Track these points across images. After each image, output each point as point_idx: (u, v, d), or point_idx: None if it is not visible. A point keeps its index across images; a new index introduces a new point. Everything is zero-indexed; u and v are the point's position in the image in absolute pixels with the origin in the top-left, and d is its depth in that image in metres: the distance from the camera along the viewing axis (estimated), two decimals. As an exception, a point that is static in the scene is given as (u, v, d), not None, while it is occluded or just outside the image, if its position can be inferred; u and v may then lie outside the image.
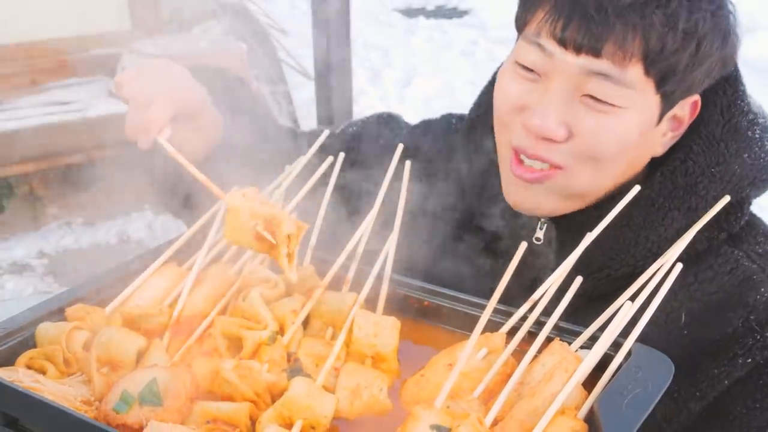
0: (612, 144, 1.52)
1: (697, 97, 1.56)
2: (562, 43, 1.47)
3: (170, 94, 1.68)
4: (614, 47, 1.44)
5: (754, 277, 1.60)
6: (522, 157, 1.57)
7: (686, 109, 1.57)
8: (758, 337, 1.56)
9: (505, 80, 1.60)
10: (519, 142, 1.57)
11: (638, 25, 1.42)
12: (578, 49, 1.46)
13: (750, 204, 1.66)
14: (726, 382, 1.58)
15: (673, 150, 1.61)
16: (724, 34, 1.50)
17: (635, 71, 1.46)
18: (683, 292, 1.60)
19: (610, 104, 1.48)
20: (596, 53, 1.45)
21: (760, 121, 1.63)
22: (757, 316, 1.57)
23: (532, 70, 1.54)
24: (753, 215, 1.70)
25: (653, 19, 1.42)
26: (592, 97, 1.48)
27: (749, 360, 1.56)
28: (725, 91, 1.60)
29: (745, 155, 1.60)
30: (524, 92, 1.56)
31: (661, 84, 1.49)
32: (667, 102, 1.52)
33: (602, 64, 1.45)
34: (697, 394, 1.59)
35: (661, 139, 1.59)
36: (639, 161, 1.60)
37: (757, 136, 1.61)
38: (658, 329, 1.48)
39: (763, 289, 1.59)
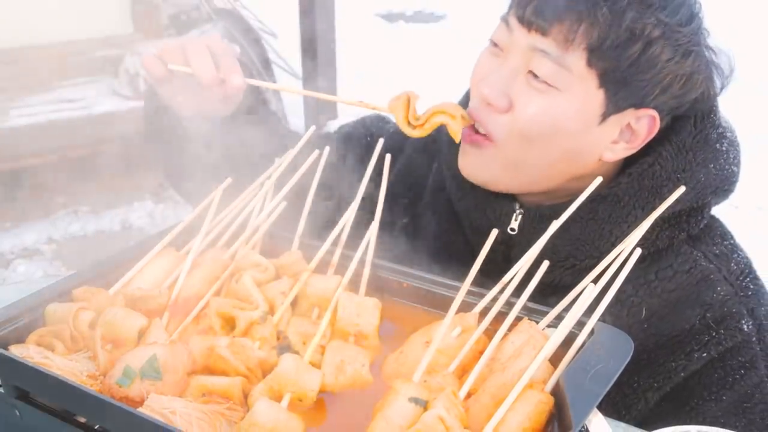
0: (542, 123, 1.52)
1: (654, 113, 1.53)
2: (521, 20, 1.52)
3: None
4: (559, 31, 1.47)
5: (711, 276, 1.59)
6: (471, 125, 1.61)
7: (643, 123, 1.54)
8: (714, 334, 1.56)
9: (480, 57, 1.64)
10: (472, 105, 1.60)
11: (584, 15, 1.45)
12: (529, 27, 1.50)
13: (710, 209, 1.66)
14: (683, 374, 1.58)
15: (643, 154, 1.59)
16: (684, 51, 1.48)
17: (577, 58, 1.47)
18: (644, 288, 1.59)
19: (548, 84, 1.50)
20: (543, 33, 1.49)
21: (728, 135, 1.62)
22: (713, 313, 1.57)
23: (498, 47, 1.58)
24: (712, 217, 1.69)
25: (599, 12, 1.44)
26: (534, 75, 1.51)
27: (705, 355, 1.56)
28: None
29: (711, 165, 1.58)
30: (488, 66, 1.60)
31: (603, 79, 1.48)
32: (612, 102, 1.50)
33: (546, 43, 1.48)
34: (655, 385, 1.59)
35: (610, 145, 1.56)
36: (579, 157, 1.57)
37: (724, 148, 1.60)
38: (620, 323, 1.48)
39: (719, 288, 1.58)
